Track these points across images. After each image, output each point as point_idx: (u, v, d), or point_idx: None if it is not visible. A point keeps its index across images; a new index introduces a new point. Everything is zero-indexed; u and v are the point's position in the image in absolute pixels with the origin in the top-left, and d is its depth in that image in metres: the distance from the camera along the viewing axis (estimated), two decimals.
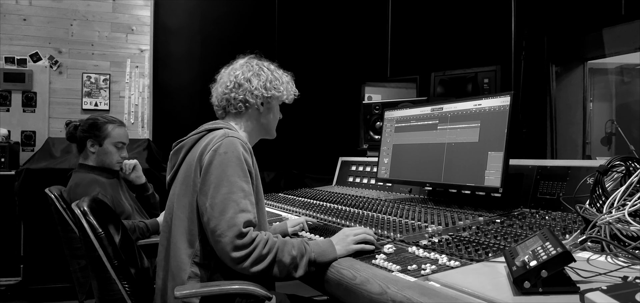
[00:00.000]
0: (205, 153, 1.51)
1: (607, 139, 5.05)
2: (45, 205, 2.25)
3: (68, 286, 3.55)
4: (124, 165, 2.58)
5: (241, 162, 1.49)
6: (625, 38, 4.07)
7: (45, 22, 4.33)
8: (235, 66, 1.74)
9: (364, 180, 2.92)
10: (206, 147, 1.52)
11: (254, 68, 1.71)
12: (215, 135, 1.56)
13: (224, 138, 1.51)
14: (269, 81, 1.71)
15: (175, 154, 1.67)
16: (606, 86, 5.26)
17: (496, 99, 1.94)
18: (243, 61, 1.74)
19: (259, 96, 1.69)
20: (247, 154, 1.53)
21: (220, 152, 1.48)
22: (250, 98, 1.68)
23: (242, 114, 1.71)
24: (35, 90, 4.26)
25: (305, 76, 5.11)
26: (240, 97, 1.68)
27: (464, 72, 4.15)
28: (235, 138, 1.52)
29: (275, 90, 1.72)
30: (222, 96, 1.71)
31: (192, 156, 1.57)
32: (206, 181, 1.47)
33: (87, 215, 1.46)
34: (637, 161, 1.39)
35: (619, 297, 0.85)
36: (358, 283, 1.24)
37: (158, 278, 1.59)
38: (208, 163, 1.48)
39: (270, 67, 1.76)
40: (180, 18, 4.77)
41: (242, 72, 1.70)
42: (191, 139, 1.64)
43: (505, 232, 1.51)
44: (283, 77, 1.78)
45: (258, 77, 1.70)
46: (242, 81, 1.68)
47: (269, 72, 1.73)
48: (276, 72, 1.76)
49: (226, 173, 1.45)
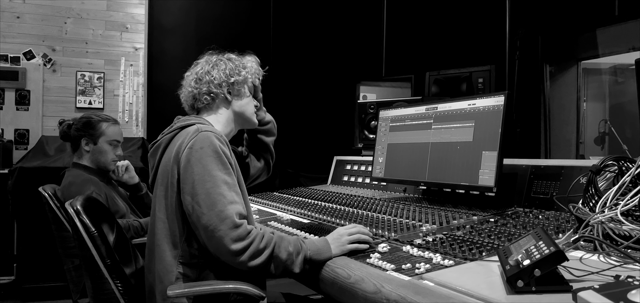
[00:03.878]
0: (181, 151, 1.48)
1: (600, 139, 5.08)
2: (38, 204, 2.25)
3: (62, 285, 3.53)
4: (117, 167, 2.56)
5: (219, 155, 1.47)
6: (619, 38, 4.09)
7: (39, 19, 4.30)
8: (196, 65, 1.77)
9: (358, 179, 2.93)
10: (181, 146, 1.50)
11: (212, 61, 1.74)
12: (188, 132, 1.53)
13: (198, 134, 1.49)
14: (229, 69, 1.72)
15: (152, 155, 1.66)
16: (600, 86, 5.29)
17: (490, 98, 1.95)
18: (203, 59, 1.77)
19: (221, 84, 1.70)
20: (223, 146, 1.51)
21: (196, 148, 1.46)
22: (214, 88, 1.69)
23: (211, 106, 1.72)
24: (28, 88, 4.24)
25: (300, 75, 5.15)
26: (204, 89, 1.69)
27: (458, 72, 4.16)
28: (208, 131, 1.50)
29: (237, 75, 1.73)
30: (188, 95, 1.74)
31: (168, 156, 1.55)
32: (187, 180, 1.44)
33: (80, 213, 1.45)
34: (629, 160, 1.40)
35: (611, 296, 0.85)
36: (352, 282, 1.24)
37: (146, 281, 1.58)
38: (186, 162, 1.46)
39: (230, 56, 1.77)
40: (175, 16, 4.76)
41: (201, 67, 1.73)
42: (165, 138, 1.62)
43: (499, 231, 1.52)
44: (244, 60, 1.79)
45: (217, 67, 1.71)
46: (202, 75, 1.70)
47: (228, 61, 1.74)
48: (236, 59, 1.77)
49: (206, 168, 1.44)
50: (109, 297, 1.44)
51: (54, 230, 2.21)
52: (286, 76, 4.94)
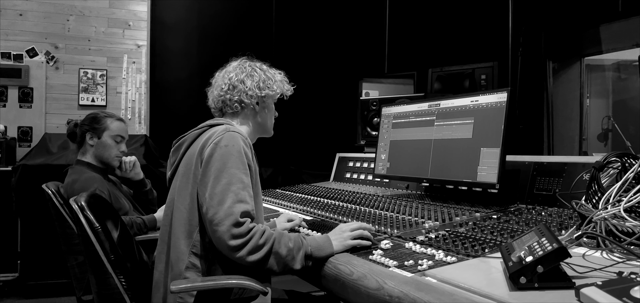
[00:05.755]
0: (206, 146, 1.53)
1: (603, 136, 5.07)
2: (42, 201, 2.25)
3: (65, 282, 3.55)
4: (124, 163, 2.58)
5: (241, 155, 1.51)
6: (623, 34, 4.07)
7: (42, 17, 4.31)
8: (228, 68, 1.79)
9: (361, 176, 2.93)
10: (207, 141, 1.55)
11: (247, 69, 1.76)
12: (217, 130, 1.59)
13: (225, 133, 1.54)
14: (262, 81, 1.76)
15: (176, 150, 1.71)
16: (603, 82, 5.27)
17: (493, 95, 1.95)
18: (236, 64, 1.80)
19: (253, 96, 1.74)
20: (247, 148, 1.56)
21: (221, 145, 1.51)
22: (245, 98, 1.73)
23: (238, 114, 1.76)
24: (31, 86, 4.25)
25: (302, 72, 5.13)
26: (235, 98, 1.73)
27: (461, 69, 4.16)
28: (236, 132, 1.56)
29: (269, 89, 1.77)
30: (217, 98, 1.77)
31: (193, 150, 1.60)
32: (206, 173, 1.49)
33: (84, 209, 1.46)
34: (633, 157, 1.40)
35: (614, 292, 0.85)
36: (355, 278, 1.25)
37: (156, 271, 1.61)
38: (209, 156, 1.50)
39: (263, 67, 1.82)
40: (177, 13, 4.75)
41: (235, 74, 1.75)
42: (192, 134, 1.67)
43: (502, 228, 1.52)
44: (276, 75, 1.83)
45: (251, 78, 1.75)
46: (236, 82, 1.73)
47: (261, 73, 1.78)
48: (268, 71, 1.81)
49: (226, 165, 1.48)
50: (113, 293, 1.44)
51: (57, 227, 2.21)
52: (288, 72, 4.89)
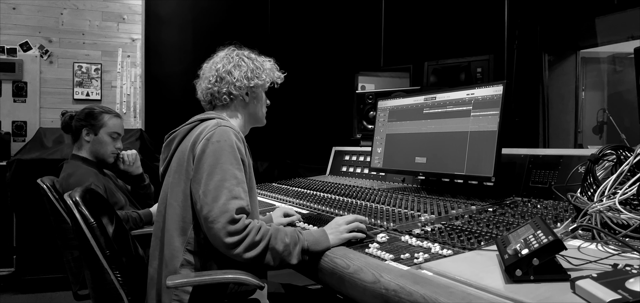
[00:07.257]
0: (198, 142, 1.52)
1: (598, 128, 5.09)
2: (37, 196, 2.24)
3: (61, 276, 3.54)
4: (125, 157, 2.56)
5: (234, 150, 1.50)
6: (618, 27, 4.08)
7: (35, 11, 4.27)
8: (215, 59, 1.75)
9: (357, 170, 2.93)
10: (199, 136, 1.54)
11: (234, 59, 1.72)
12: (208, 125, 1.57)
13: (217, 127, 1.52)
14: (250, 71, 1.72)
15: (167, 145, 1.68)
16: (598, 75, 5.28)
17: (489, 88, 1.95)
18: (223, 54, 1.75)
19: (242, 87, 1.70)
20: (239, 143, 1.54)
21: (213, 141, 1.49)
22: (234, 90, 1.69)
23: (228, 106, 1.73)
24: (25, 80, 4.21)
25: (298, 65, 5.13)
26: (224, 90, 1.69)
27: (457, 62, 4.16)
28: (228, 127, 1.54)
29: (258, 78, 1.73)
30: (206, 91, 1.73)
31: (185, 145, 1.58)
32: (199, 169, 1.48)
33: (79, 205, 1.45)
34: (628, 149, 1.40)
35: (609, 284, 0.85)
36: (351, 271, 1.25)
37: (151, 267, 1.60)
38: (201, 152, 1.49)
39: (251, 55, 1.77)
40: (171, 7, 4.72)
41: (222, 65, 1.71)
42: (184, 129, 1.65)
43: (498, 221, 1.52)
44: (265, 64, 1.78)
45: (239, 68, 1.71)
46: (223, 74, 1.69)
47: (249, 61, 1.73)
48: (257, 60, 1.77)
49: (219, 161, 1.46)
50: (109, 288, 1.44)
51: (52, 221, 2.20)
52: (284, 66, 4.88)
